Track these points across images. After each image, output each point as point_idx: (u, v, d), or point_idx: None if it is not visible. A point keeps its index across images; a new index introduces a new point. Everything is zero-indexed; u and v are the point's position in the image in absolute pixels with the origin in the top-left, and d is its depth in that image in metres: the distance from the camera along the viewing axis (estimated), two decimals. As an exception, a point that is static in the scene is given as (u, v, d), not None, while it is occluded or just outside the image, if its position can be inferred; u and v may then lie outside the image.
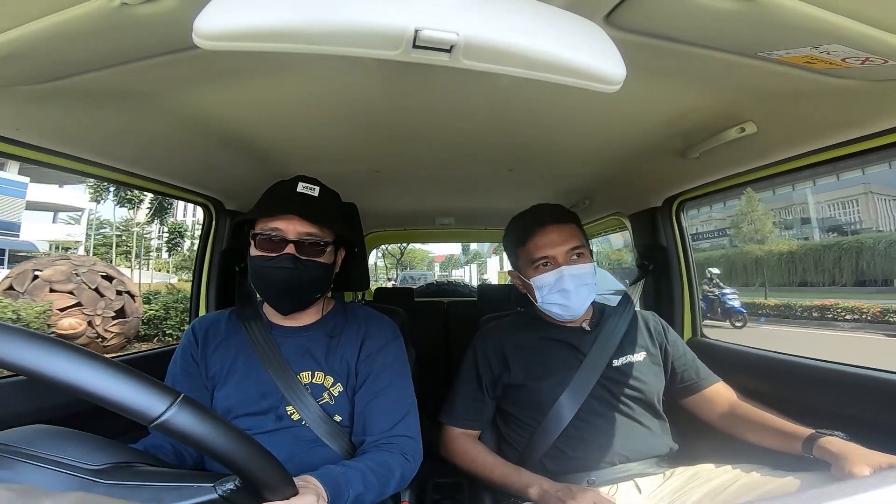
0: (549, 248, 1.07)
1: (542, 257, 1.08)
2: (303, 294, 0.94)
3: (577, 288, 1.06)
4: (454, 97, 0.95)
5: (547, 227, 1.09)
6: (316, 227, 0.90)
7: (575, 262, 1.07)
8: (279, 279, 0.89)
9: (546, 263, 1.08)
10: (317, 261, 0.92)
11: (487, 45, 0.47)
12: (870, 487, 0.33)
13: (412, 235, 3.73)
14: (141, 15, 0.57)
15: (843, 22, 0.57)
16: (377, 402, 0.93)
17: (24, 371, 0.39)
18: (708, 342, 1.52)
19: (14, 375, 0.96)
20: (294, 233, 0.89)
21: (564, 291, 1.06)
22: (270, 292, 0.93)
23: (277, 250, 0.89)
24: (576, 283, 1.06)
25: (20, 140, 0.89)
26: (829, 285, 16.13)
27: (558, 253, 1.07)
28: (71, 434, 0.57)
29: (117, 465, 0.54)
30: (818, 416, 0.97)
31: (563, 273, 1.05)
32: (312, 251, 0.91)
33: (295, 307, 0.96)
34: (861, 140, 0.92)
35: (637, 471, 1.02)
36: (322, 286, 0.97)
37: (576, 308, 1.08)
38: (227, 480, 0.51)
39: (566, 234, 1.08)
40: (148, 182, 1.25)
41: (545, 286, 1.08)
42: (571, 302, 1.06)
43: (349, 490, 0.72)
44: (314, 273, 0.92)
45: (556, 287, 1.06)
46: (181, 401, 0.43)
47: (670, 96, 0.93)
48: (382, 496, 0.82)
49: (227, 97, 0.92)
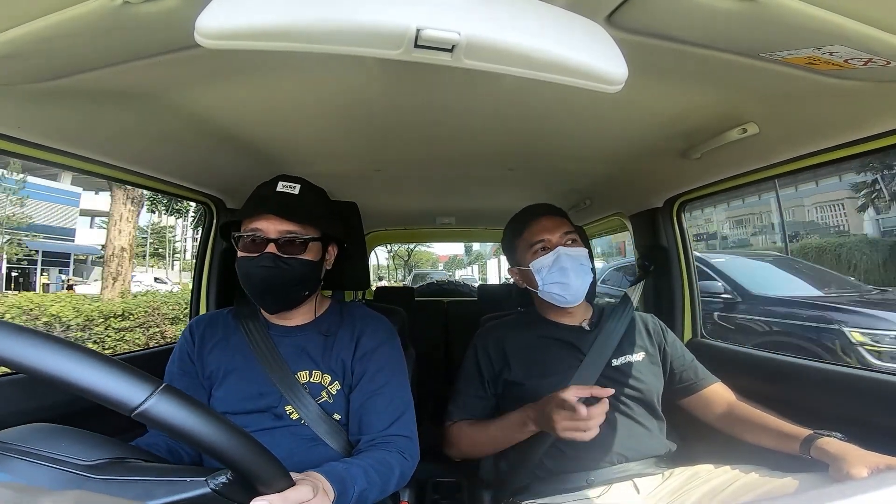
0: (544, 233, 1.14)
1: (539, 240, 1.14)
2: (287, 293, 0.93)
3: (574, 267, 1.10)
4: (455, 97, 0.95)
5: (541, 216, 1.17)
6: (296, 225, 0.90)
7: (569, 245, 1.13)
8: (260, 278, 0.89)
9: (543, 247, 1.14)
10: (299, 258, 0.91)
11: (489, 44, 0.47)
12: (868, 489, 0.33)
13: (412, 235, 3.73)
14: (143, 13, 0.57)
15: (846, 23, 0.56)
16: (373, 401, 0.92)
17: (6, 362, 0.39)
18: (707, 343, 1.52)
19: (12, 374, 0.96)
20: (274, 231, 0.90)
21: (563, 270, 1.10)
22: (254, 292, 0.92)
23: (259, 250, 0.89)
24: (572, 262, 1.11)
25: (22, 138, 0.89)
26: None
27: (553, 236, 1.14)
28: (66, 431, 0.56)
29: (111, 460, 0.53)
30: (817, 417, 0.97)
31: (559, 253, 1.11)
32: (294, 249, 0.91)
33: (280, 306, 0.96)
34: (863, 141, 0.92)
35: (636, 471, 1.02)
36: (307, 284, 0.96)
37: (574, 288, 1.11)
38: (220, 474, 0.50)
39: (558, 222, 1.16)
40: (149, 180, 1.25)
41: (544, 268, 1.12)
42: (570, 280, 1.10)
43: (354, 486, 0.72)
44: (297, 271, 0.91)
45: (555, 267, 1.11)
46: (162, 389, 0.42)
47: (672, 97, 0.93)
48: (384, 494, 0.82)
49: (228, 96, 0.92)
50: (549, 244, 1.13)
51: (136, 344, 5.65)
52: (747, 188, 1.42)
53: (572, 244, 1.14)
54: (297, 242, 0.91)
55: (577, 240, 1.15)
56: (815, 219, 17.43)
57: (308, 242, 0.92)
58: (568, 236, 1.14)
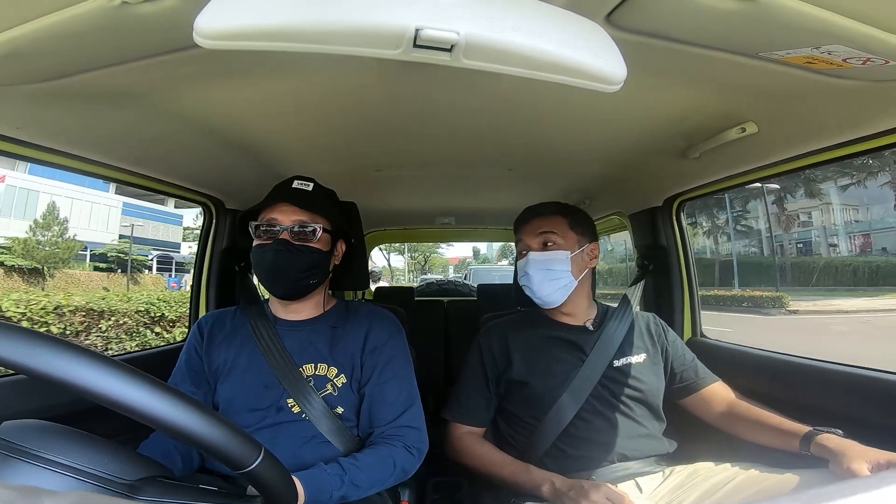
0: (525, 236, 1.15)
1: (519, 242, 1.17)
2: (297, 278, 0.96)
3: (536, 272, 1.11)
4: (454, 96, 0.95)
5: (533, 217, 1.17)
6: (307, 215, 0.96)
7: (542, 248, 1.13)
8: (271, 261, 0.94)
9: (523, 251, 1.15)
10: (309, 246, 0.96)
11: (488, 44, 0.47)
12: (870, 487, 0.33)
13: (412, 235, 3.72)
14: (142, 14, 0.57)
15: (844, 22, 0.57)
16: (382, 394, 0.96)
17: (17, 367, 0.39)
18: (707, 342, 1.52)
19: (12, 374, 0.96)
20: (288, 220, 0.96)
21: (526, 275, 1.12)
22: (266, 277, 0.97)
23: (273, 237, 0.95)
24: (536, 268, 1.11)
25: (21, 139, 0.89)
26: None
27: (532, 240, 1.14)
28: (87, 438, 0.55)
29: (146, 479, 0.54)
30: (816, 416, 0.97)
31: (528, 259, 1.12)
32: (305, 236, 0.96)
33: (288, 290, 0.98)
34: (862, 140, 0.92)
35: (637, 470, 1.02)
36: (315, 272, 0.99)
37: (539, 292, 1.11)
38: (253, 498, 0.54)
39: (542, 223, 1.14)
40: (149, 181, 1.25)
41: (519, 271, 1.16)
42: (532, 285, 1.11)
43: (331, 492, 0.78)
44: (306, 257, 0.96)
45: (522, 272, 1.14)
46: (264, 453, 0.49)
47: (671, 96, 0.93)
48: (380, 487, 0.87)
49: (227, 96, 0.92)
50: (526, 248, 1.14)
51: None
52: (745, 187, 1.43)
53: (546, 247, 1.12)
54: (308, 231, 0.96)
55: (557, 241, 1.12)
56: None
57: (318, 231, 0.97)
58: (545, 237, 1.12)
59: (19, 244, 14.75)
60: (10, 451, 0.48)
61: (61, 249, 15.96)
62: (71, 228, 17.37)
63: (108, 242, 20.17)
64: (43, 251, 15.14)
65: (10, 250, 14.62)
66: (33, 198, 18.26)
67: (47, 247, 15.27)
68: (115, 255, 17.12)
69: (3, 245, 14.73)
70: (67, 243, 16.49)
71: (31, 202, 17.86)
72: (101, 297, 6.10)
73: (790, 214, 21.76)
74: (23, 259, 14.63)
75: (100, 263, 17.91)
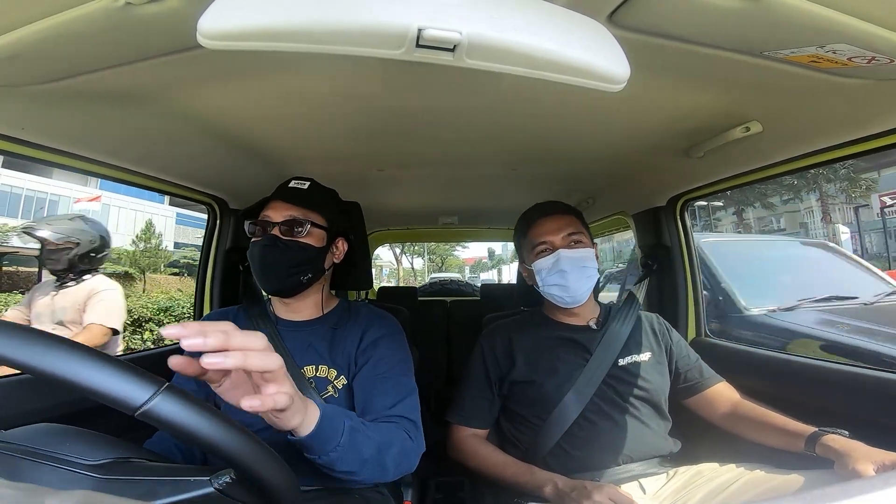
0: (547, 234, 1.13)
1: (541, 242, 1.13)
2: (287, 273, 0.96)
3: (573, 269, 1.09)
4: (457, 96, 0.95)
5: (547, 216, 1.15)
6: (298, 210, 0.97)
7: (572, 247, 1.11)
8: (261, 256, 0.95)
9: (545, 249, 1.12)
10: (298, 241, 0.96)
11: (491, 44, 0.47)
12: (876, 488, 0.33)
13: (415, 234, 3.72)
14: (145, 14, 0.57)
15: (848, 21, 0.56)
16: (377, 385, 0.92)
17: (13, 363, 0.39)
18: (711, 342, 1.51)
19: (18, 374, 0.97)
20: (278, 216, 0.97)
21: (562, 272, 1.09)
22: (257, 272, 0.97)
23: (265, 233, 0.96)
24: (572, 265, 1.09)
25: (25, 139, 0.89)
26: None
27: (556, 238, 1.12)
28: (72, 431, 0.56)
29: (115, 460, 0.53)
30: (821, 416, 0.96)
31: (559, 256, 1.10)
32: (296, 231, 0.96)
33: (278, 286, 0.98)
34: (866, 139, 0.91)
35: (640, 471, 1.02)
36: (305, 268, 0.97)
37: (574, 290, 1.09)
38: (223, 474, 0.50)
39: (564, 223, 1.14)
40: (152, 181, 1.25)
41: (543, 269, 1.12)
42: (569, 283, 1.09)
43: (343, 421, 0.72)
44: (296, 252, 0.95)
45: (554, 269, 1.10)
46: (165, 389, 0.42)
47: (674, 95, 0.92)
48: (379, 460, 0.78)
49: (231, 97, 0.93)
50: (550, 246, 1.12)
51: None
52: (749, 186, 1.42)
53: (576, 245, 1.11)
54: (297, 226, 0.96)
55: (584, 240, 1.13)
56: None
57: (309, 226, 0.97)
58: (572, 237, 1.12)
59: (127, 255, 17.65)
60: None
61: (160, 258, 19.03)
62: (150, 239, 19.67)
63: (167, 250, 22.13)
64: (146, 260, 18.05)
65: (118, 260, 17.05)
66: (104, 210, 20.01)
67: (149, 256, 18.28)
68: (186, 262, 19.17)
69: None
70: (163, 252, 19.75)
71: (102, 215, 19.07)
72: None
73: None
74: (129, 267, 17.02)
75: (173, 269, 20.12)
